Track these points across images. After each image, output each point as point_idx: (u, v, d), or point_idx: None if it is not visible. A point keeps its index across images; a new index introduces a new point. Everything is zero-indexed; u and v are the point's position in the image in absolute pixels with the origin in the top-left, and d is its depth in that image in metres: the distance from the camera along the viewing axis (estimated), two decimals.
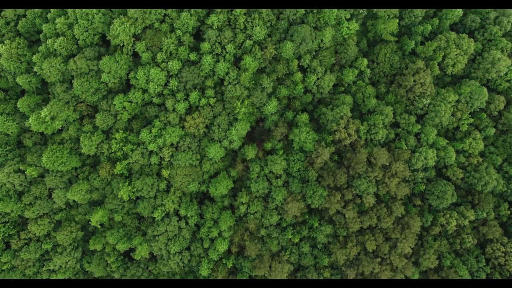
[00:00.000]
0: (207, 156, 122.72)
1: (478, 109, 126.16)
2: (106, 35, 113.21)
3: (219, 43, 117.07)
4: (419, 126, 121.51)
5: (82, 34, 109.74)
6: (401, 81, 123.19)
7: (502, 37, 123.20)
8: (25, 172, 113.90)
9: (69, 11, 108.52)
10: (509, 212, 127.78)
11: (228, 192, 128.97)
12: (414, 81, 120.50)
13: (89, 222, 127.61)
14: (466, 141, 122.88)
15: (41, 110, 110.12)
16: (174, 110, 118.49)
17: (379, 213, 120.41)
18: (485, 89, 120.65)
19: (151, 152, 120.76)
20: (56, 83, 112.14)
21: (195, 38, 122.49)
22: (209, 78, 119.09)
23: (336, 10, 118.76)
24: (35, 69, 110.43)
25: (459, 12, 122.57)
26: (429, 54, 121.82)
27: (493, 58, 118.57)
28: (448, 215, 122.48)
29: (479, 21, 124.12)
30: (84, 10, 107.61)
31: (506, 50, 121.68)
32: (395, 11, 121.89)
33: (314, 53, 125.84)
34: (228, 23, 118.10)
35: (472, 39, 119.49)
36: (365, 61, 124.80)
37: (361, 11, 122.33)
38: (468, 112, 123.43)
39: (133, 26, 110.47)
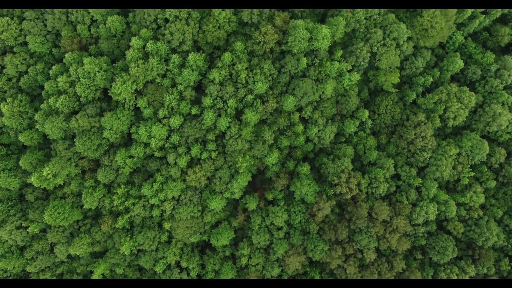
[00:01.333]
0: (209, 208, 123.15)
1: (479, 162, 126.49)
2: (108, 90, 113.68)
3: (220, 97, 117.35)
4: (420, 180, 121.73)
5: (84, 91, 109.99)
6: (402, 133, 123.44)
7: (503, 90, 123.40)
8: (27, 229, 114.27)
9: (71, 70, 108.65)
10: (509, 267, 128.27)
11: (229, 242, 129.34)
12: (415, 134, 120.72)
13: (91, 272, 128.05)
14: (467, 194, 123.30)
15: (43, 168, 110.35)
16: (175, 163, 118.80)
17: (380, 268, 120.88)
18: (486, 143, 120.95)
19: (153, 205, 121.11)
20: (58, 140, 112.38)
21: (197, 89, 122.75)
22: (210, 132, 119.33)
23: (337, 63, 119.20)
24: (37, 126, 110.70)
25: (460, 64, 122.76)
26: (430, 106, 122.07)
27: (494, 112, 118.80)
28: (448, 270, 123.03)
29: (480, 73, 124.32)
30: (86, 68, 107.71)
31: (507, 104, 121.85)
32: (397, 62, 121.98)
33: (316, 104, 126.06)
34: (229, 77, 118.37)
35: (473, 93, 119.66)
36: (366, 113, 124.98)
37: (362, 62, 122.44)
38: (469, 165, 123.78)
39: (135, 84, 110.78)
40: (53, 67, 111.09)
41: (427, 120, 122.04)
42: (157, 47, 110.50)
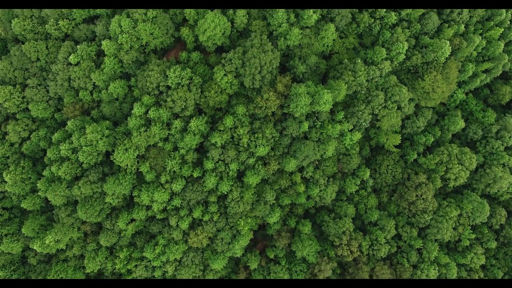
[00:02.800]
0: (210, 267, 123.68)
1: (480, 223, 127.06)
2: (110, 154, 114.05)
3: (222, 161, 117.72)
4: (420, 242, 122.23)
5: (86, 158, 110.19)
6: (403, 193, 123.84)
7: (504, 151, 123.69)
8: None
9: (73, 138, 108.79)
10: None
11: None
12: (416, 195, 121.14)
13: None
14: (468, 255, 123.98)
15: (46, 236, 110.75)
16: (177, 226, 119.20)
17: None
18: (487, 206, 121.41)
19: (155, 266, 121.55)
20: (60, 207, 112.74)
21: (198, 149, 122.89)
22: (212, 194, 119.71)
23: (339, 125, 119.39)
24: (39, 193, 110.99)
25: (461, 125, 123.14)
26: (431, 167, 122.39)
27: (495, 175, 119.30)
28: None
29: (480, 133, 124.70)
30: (88, 137, 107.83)
31: (508, 165, 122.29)
32: (398, 123, 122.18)
33: (317, 162, 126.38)
34: (231, 139, 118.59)
35: (474, 155, 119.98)
36: (368, 172, 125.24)
37: (363, 123, 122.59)
38: (470, 226, 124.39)
39: (137, 150, 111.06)
40: (55, 134, 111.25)
41: (428, 180, 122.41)
42: (159, 114, 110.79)
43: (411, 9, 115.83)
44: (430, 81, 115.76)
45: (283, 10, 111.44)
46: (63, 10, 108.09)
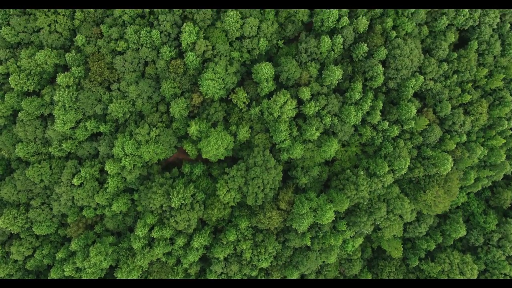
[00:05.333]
0: None
1: None
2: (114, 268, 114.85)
3: (225, 274, 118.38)
4: None
5: (90, 276, 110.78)
6: None
7: (505, 260, 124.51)
8: None
9: (77, 260, 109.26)
10: None
11: None
12: None
13: None
14: None
15: None
16: None
17: None
18: None
19: None
20: None
21: (201, 258, 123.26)
22: None
23: (341, 236, 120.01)
24: None
25: (463, 232, 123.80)
26: (433, 275, 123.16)
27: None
28: None
29: (482, 240, 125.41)
30: (92, 260, 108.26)
31: (509, 276, 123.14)
32: (400, 233, 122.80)
33: (319, 267, 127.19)
34: (234, 251, 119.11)
35: (475, 266, 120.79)
36: (369, 276, 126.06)
37: (365, 232, 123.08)
38: None
39: (140, 269, 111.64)
40: (59, 252, 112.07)
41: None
42: (162, 233, 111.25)
43: (414, 123, 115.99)
44: (432, 196, 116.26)
45: (286, 125, 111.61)
46: (66, 131, 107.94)
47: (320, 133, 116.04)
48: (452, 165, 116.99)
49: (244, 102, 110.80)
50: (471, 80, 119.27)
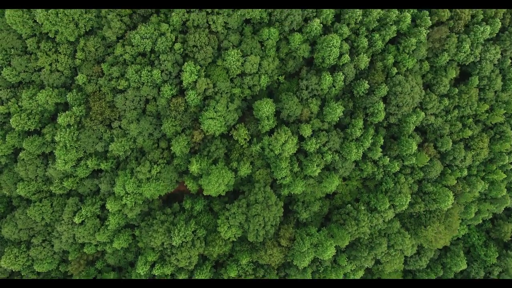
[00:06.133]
0: None
1: None
2: None
3: None
4: None
5: None
6: None
7: None
8: None
9: None
10: None
11: None
12: None
13: None
14: None
15: None
16: None
17: None
18: None
19: None
20: None
21: None
22: None
23: (342, 270, 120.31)
24: None
25: (463, 266, 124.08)
26: None
27: None
28: None
29: (482, 273, 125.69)
30: None
31: None
32: (400, 267, 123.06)
33: None
34: None
35: None
36: None
37: (366, 265, 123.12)
38: None
39: None
40: None
41: None
42: (163, 271, 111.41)
43: (415, 159, 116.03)
44: (433, 232, 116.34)
45: (286, 162, 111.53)
46: (67, 169, 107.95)
47: (321, 169, 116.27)
48: (453, 200, 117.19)
49: (245, 139, 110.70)
50: (472, 115, 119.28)
